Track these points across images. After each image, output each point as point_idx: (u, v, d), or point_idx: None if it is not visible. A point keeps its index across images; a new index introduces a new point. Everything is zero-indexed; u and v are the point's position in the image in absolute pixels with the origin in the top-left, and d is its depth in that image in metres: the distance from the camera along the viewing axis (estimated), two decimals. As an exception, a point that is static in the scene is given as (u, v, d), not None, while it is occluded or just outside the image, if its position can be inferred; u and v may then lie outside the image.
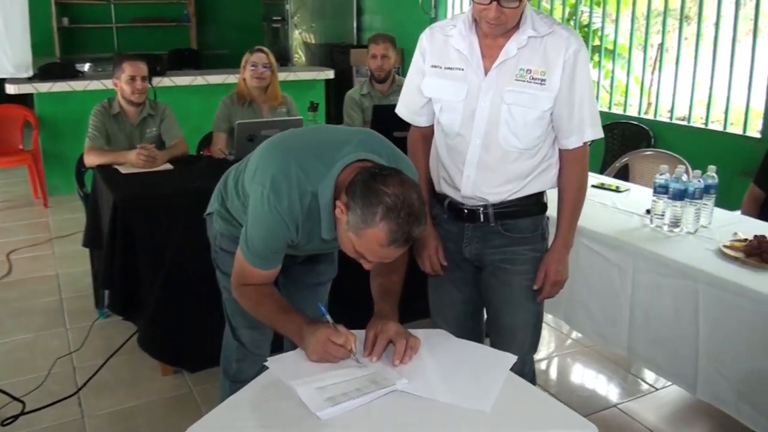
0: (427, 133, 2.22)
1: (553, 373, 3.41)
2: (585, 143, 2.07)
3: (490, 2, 1.86)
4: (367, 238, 1.62)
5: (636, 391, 3.23)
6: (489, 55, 1.99)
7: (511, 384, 1.70)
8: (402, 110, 2.24)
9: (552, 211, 2.19)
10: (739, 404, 2.33)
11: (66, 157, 5.73)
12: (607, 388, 3.29)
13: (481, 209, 2.12)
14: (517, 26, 1.96)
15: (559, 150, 2.10)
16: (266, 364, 1.75)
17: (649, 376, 3.32)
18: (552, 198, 2.20)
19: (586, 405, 3.06)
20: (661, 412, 3.06)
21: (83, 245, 3.66)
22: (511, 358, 1.81)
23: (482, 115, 2.02)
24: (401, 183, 1.62)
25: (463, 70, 2.03)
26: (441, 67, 2.06)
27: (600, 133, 2.06)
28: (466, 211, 2.14)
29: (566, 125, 2.03)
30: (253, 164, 1.88)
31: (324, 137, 1.87)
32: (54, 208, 5.85)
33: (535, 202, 2.14)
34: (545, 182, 2.12)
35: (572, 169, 2.10)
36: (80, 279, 4.21)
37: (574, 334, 3.72)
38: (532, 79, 1.97)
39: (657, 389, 3.21)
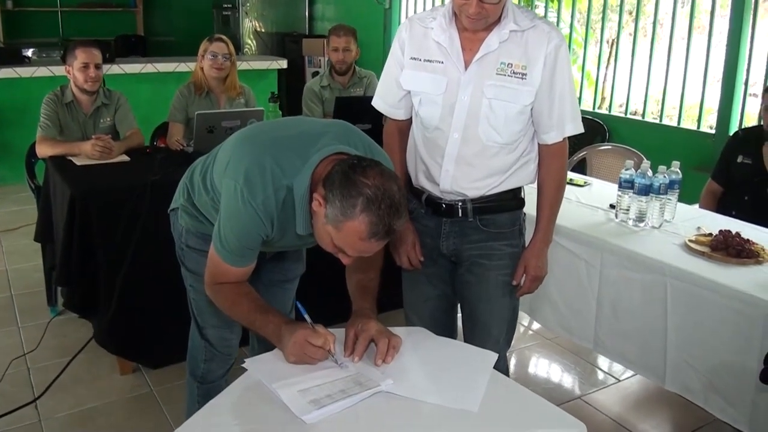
0: (404, 126, 2.19)
1: (516, 366, 3.43)
2: (564, 138, 2.06)
3: None
4: (346, 231, 1.58)
5: (599, 382, 3.28)
6: (469, 48, 1.97)
7: (496, 382, 1.69)
8: (379, 103, 2.20)
9: (530, 207, 2.18)
10: (707, 395, 2.38)
11: (12, 146, 5.53)
12: (570, 380, 3.33)
13: (460, 204, 2.10)
14: (498, 20, 1.94)
15: (539, 145, 2.09)
16: (244, 365, 1.70)
17: (612, 367, 3.37)
18: (530, 197, 2.19)
19: (550, 397, 3.01)
20: (624, 402, 3.12)
21: (35, 240, 3.52)
22: (493, 356, 1.80)
23: (462, 108, 2.00)
24: (381, 174, 1.58)
25: (442, 63, 2.00)
26: (420, 60, 2.03)
27: (580, 128, 2.06)
28: (444, 205, 2.12)
29: (546, 120, 2.02)
30: (224, 158, 1.81)
31: (299, 130, 1.81)
32: (-1, 199, 5.64)
33: (513, 198, 2.14)
34: (524, 177, 2.11)
35: (551, 165, 2.09)
36: (30, 275, 4.06)
37: (535, 326, 3.75)
38: (513, 73, 1.95)
39: (620, 380, 3.26)
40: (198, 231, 2.09)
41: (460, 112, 2.00)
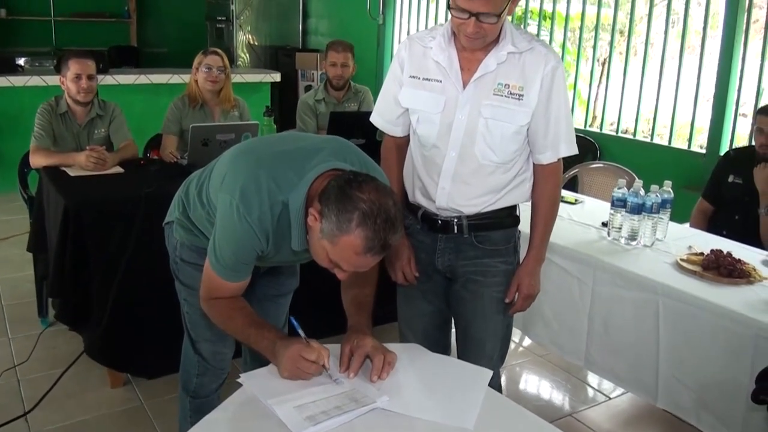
0: (402, 143, 2.20)
1: (508, 382, 3.43)
2: (559, 159, 2.08)
3: (469, 17, 1.85)
4: (342, 245, 1.58)
5: (590, 399, 3.28)
6: (468, 68, 1.99)
7: (491, 399, 1.70)
8: (377, 119, 2.21)
9: (524, 226, 2.20)
10: (699, 413, 2.40)
11: (4, 156, 5.49)
12: (561, 397, 3.34)
13: (455, 221, 2.11)
14: (496, 41, 1.96)
15: (534, 164, 2.11)
16: (240, 380, 1.69)
17: (603, 384, 3.38)
18: (524, 214, 2.20)
19: (541, 414, 3.00)
20: (615, 420, 3.12)
21: (28, 250, 3.49)
22: (488, 373, 1.81)
23: (459, 127, 2.01)
24: (376, 189, 1.59)
25: (441, 82, 2.02)
26: (419, 78, 2.05)
27: (574, 150, 2.08)
28: (440, 222, 2.13)
29: (542, 141, 2.04)
30: (220, 172, 1.82)
31: (294, 146, 1.82)
32: (-10, 209, 5.59)
33: (509, 215, 2.15)
34: (519, 196, 2.13)
35: (546, 184, 2.12)
36: (21, 285, 4.03)
37: (527, 343, 3.76)
38: (510, 94, 1.97)
39: (610, 398, 3.27)
40: (193, 245, 2.09)
41: (457, 131, 2.02)
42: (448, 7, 1.88)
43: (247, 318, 1.81)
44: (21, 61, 6.43)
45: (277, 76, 7.00)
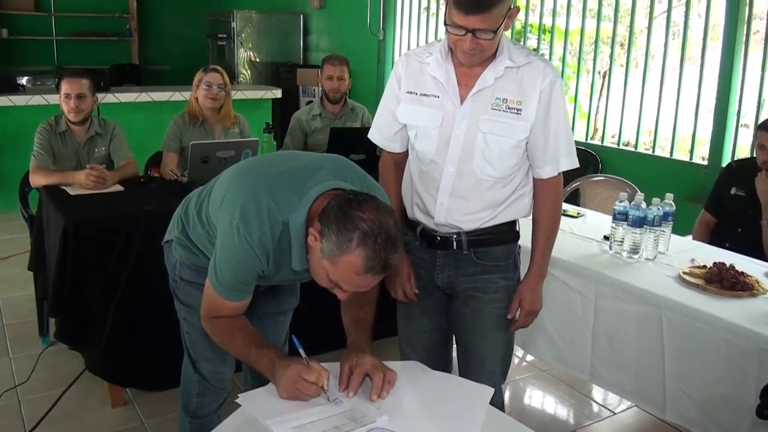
0: (400, 159, 2.19)
1: (511, 398, 3.40)
2: (559, 173, 2.07)
3: (465, 33, 1.84)
4: (342, 265, 1.57)
5: (594, 414, 3.25)
6: (465, 83, 1.98)
7: (492, 418, 1.68)
8: (375, 135, 2.20)
9: (525, 241, 2.18)
10: (707, 425, 2.36)
11: (5, 175, 5.50)
12: (565, 413, 3.31)
13: (454, 237, 2.10)
14: (493, 56, 1.96)
15: (533, 179, 2.10)
16: (238, 401, 1.68)
17: (608, 399, 3.35)
18: (525, 229, 2.19)
19: (546, 430, 3.06)
20: (620, 436, 3.09)
21: (29, 269, 3.48)
22: (489, 391, 1.79)
23: (457, 142, 2.00)
24: (377, 209, 1.58)
25: (438, 97, 2.01)
26: (416, 94, 2.04)
27: (575, 163, 2.07)
28: (438, 238, 2.12)
29: (541, 155, 2.03)
30: (220, 192, 1.81)
31: (294, 165, 1.82)
32: (-9, 228, 5.59)
33: (508, 231, 2.14)
34: (518, 211, 2.12)
35: (546, 199, 2.10)
36: (22, 304, 4.01)
37: (530, 357, 3.74)
38: (508, 108, 1.96)
39: (615, 413, 3.24)
40: (192, 264, 2.08)
41: (455, 146, 2.01)
42: (445, 24, 1.87)
43: (247, 337, 1.80)
44: (23, 81, 6.45)
45: (278, 93, 7.01)
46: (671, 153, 4.80)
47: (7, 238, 5.22)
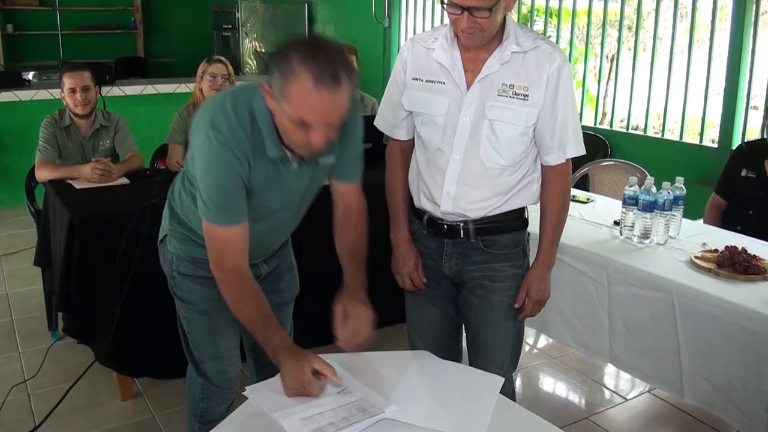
0: (406, 147, 2.16)
1: (522, 386, 3.38)
2: (567, 159, 2.03)
3: (462, 12, 1.82)
4: (294, 93, 1.57)
5: (606, 401, 3.23)
6: (471, 69, 1.95)
7: (502, 408, 1.66)
8: (380, 122, 2.17)
9: (534, 227, 2.15)
10: (727, 407, 2.35)
11: (11, 170, 5.51)
12: (577, 399, 3.28)
13: (461, 225, 2.07)
14: (500, 40, 1.92)
15: (541, 166, 2.07)
16: (245, 393, 1.66)
17: (619, 386, 3.33)
18: (533, 216, 2.16)
19: (558, 417, 3.03)
20: (633, 422, 3.07)
21: (35, 264, 3.49)
22: (499, 381, 1.77)
23: (463, 129, 1.97)
24: (308, 40, 1.64)
25: (444, 83, 1.98)
26: (422, 80, 2.01)
27: (582, 150, 2.02)
28: (445, 226, 2.09)
29: (548, 141, 1.99)
30: (191, 137, 1.81)
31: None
32: (-1, 223, 5.61)
33: (516, 218, 2.10)
34: (527, 198, 2.08)
35: (554, 186, 2.06)
36: (30, 299, 4.02)
37: (541, 344, 3.72)
38: (515, 94, 1.93)
39: (627, 399, 3.22)
40: (188, 255, 2.03)
41: (461, 133, 1.98)
42: (441, 3, 1.84)
43: (257, 310, 1.75)
44: (29, 76, 6.44)
45: (283, 82, 6.97)
46: (681, 136, 4.76)
47: (14, 233, 5.23)
